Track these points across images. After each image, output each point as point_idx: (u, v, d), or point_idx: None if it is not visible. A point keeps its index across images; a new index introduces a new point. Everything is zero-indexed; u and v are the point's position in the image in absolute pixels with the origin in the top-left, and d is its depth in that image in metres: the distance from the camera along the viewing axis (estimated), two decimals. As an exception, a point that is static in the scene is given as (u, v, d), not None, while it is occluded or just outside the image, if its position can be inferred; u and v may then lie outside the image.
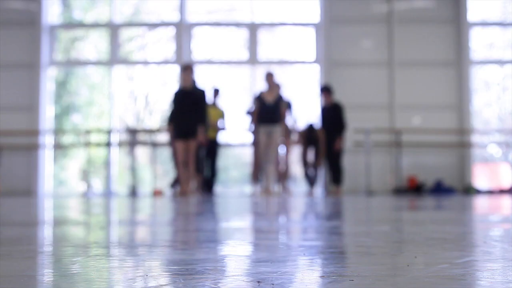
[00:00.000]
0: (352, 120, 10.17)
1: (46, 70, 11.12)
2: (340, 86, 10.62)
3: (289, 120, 9.28)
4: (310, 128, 9.65)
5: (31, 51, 11.04)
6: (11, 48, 11.04)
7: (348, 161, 10.22)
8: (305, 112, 10.91)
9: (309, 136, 9.58)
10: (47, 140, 11.18)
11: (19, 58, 11.02)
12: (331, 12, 11.09)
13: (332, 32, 11.07)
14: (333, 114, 9.37)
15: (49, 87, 11.36)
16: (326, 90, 9.49)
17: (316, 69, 11.46)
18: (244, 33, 11.65)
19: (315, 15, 11.44)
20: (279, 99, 8.75)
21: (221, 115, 9.60)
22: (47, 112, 11.24)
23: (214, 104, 9.53)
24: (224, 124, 9.63)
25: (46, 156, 11.18)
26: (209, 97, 9.00)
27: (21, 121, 10.89)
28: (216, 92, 9.61)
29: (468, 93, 11.04)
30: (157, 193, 9.63)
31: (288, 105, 9.15)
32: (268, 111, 8.62)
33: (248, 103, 9.93)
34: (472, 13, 11.30)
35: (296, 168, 10.56)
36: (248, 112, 9.29)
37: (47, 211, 3.84)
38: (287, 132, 9.19)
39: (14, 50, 11.04)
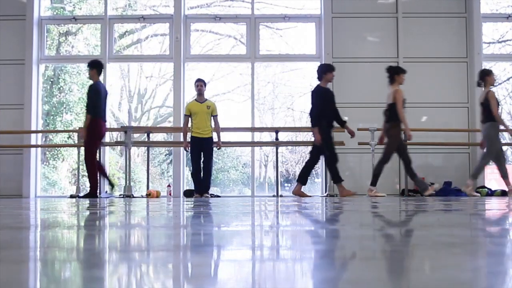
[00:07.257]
0: (357, 119, 9.82)
1: (35, 66, 10.66)
2: (343, 83, 10.22)
3: None
4: None
5: (20, 46, 10.62)
6: (-2, 42, 10.61)
7: (353, 162, 9.87)
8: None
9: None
10: (36, 140, 10.74)
11: (7, 54, 10.61)
12: (333, 4, 10.65)
13: (334, 26, 10.64)
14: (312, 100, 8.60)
15: (39, 84, 10.88)
16: None
17: (317, 65, 11.00)
18: (243, 27, 11.20)
19: (316, 8, 10.97)
20: None
21: (212, 110, 9.01)
22: (37, 111, 10.76)
23: (201, 98, 9.01)
24: (217, 121, 9.06)
25: (36, 156, 10.71)
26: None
27: (10, 120, 10.47)
28: (203, 83, 9.06)
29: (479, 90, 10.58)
30: (152, 194, 9.38)
31: None
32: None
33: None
34: (483, 6, 10.86)
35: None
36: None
37: (37, 213, 3.80)
38: None
39: (2, 45, 10.60)
